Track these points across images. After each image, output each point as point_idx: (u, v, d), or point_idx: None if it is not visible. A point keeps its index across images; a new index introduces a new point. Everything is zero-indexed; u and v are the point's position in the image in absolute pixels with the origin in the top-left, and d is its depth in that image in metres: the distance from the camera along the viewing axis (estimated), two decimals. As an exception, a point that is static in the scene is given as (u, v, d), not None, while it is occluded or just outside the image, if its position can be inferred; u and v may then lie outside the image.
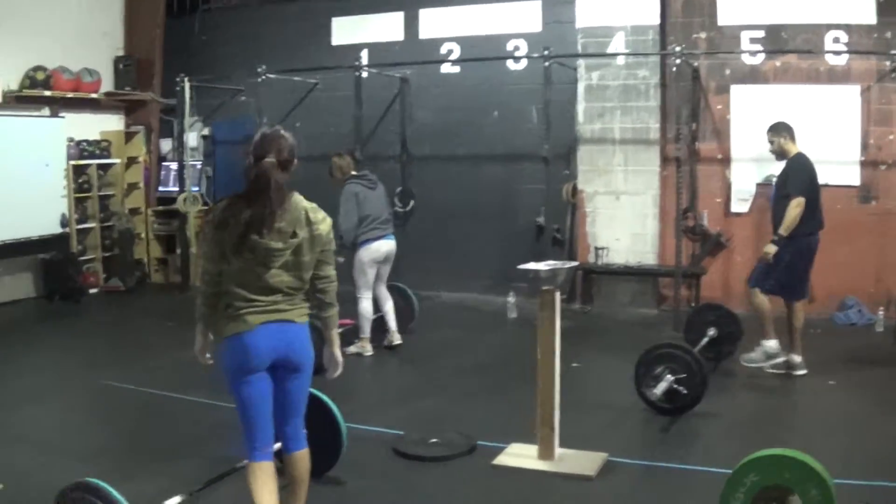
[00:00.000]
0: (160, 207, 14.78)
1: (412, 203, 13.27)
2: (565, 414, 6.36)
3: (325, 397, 5.72)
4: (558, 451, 6.25)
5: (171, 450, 6.66)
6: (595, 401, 7.83)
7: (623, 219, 11.75)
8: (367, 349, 9.59)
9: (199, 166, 14.54)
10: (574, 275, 11.74)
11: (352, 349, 9.49)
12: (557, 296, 6.23)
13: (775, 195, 8.58)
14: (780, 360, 8.52)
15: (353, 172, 9.74)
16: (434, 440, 6.72)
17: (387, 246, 9.63)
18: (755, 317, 8.72)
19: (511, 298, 11.49)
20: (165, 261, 14.76)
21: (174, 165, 14.38)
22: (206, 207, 14.01)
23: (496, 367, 9.19)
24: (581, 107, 11.82)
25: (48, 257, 13.04)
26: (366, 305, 9.56)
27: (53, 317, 12.25)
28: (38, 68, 12.95)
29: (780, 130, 8.40)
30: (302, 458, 4.85)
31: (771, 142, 8.43)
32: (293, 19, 14.09)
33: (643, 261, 11.66)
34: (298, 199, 4.60)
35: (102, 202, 14.19)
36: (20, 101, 12.86)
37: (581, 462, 6.21)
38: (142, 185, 14.83)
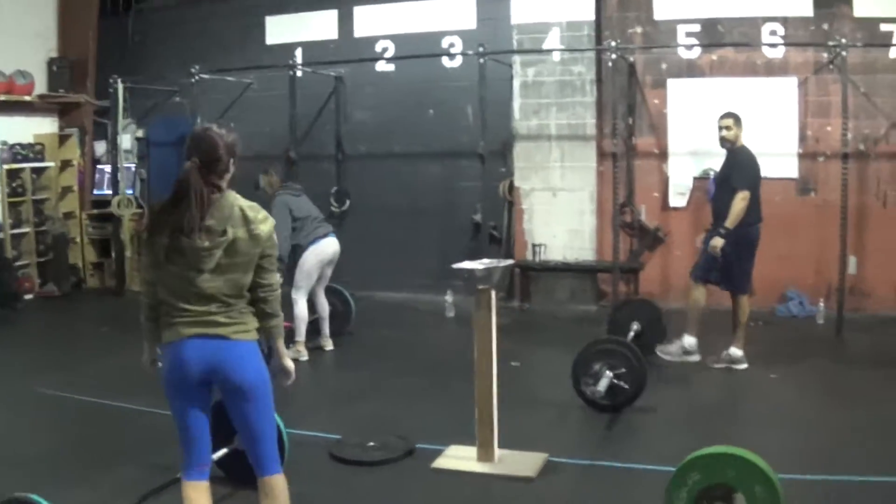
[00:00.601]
0: (95, 211, 14.52)
1: (348, 203, 13.16)
2: (505, 414, 6.28)
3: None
4: (498, 452, 6.16)
5: (109, 458, 6.50)
6: (535, 399, 7.73)
7: (560, 215, 11.67)
8: (303, 353, 9.42)
9: (133, 169, 14.31)
10: (512, 272, 11.69)
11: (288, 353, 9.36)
12: (493, 294, 6.13)
13: (717, 188, 8.52)
14: (695, 358, 8.57)
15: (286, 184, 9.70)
16: (372, 444, 6.59)
17: (333, 246, 9.55)
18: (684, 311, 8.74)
19: (449, 297, 11.40)
20: (101, 265, 14.51)
21: (109, 168, 14.17)
22: (140, 210, 13.81)
23: (434, 368, 9.05)
24: (517, 103, 11.73)
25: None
26: (301, 307, 9.41)
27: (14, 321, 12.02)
28: (-30, 70, 12.73)
29: (739, 119, 8.34)
30: (273, 483, 4.52)
31: (728, 128, 8.29)
32: (227, 18, 13.90)
33: (581, 257, 11.59)
34: (234, 198, 4.34)
35: (37, 206, 13.91)
36: None
37: (521, 463, 6.12)
38: (76, 188, 14.55)
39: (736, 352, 8.44)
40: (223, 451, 5.25)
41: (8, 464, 6.40)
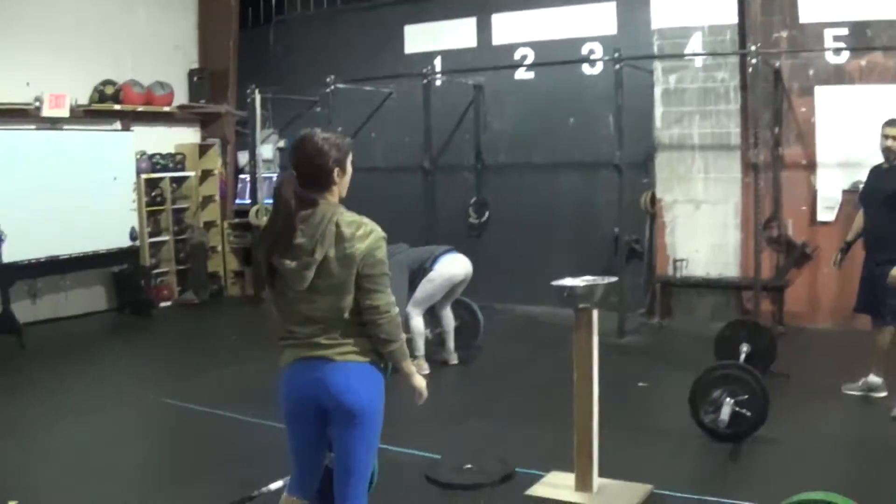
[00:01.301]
0: (236, 220, 14.57)
1: (487, 214, 12.86)
2: (617, 440, 6.03)
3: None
4: (598, 481, 5.75)
5: (205, 469, 6.52)
6: (654, 425, 7.28)
7: (703, 229, 11.08)
8: (424, 367, 9.16)
9: (273, 178, 14.32)
10: (653, 288, 11.22)
11: (409, 367, 9.15)
12: (595, 315, 5.71)
13: (874, 206, 7.66)
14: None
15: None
16: (469, 466, 6.27)
17: (464, 266, 9.29)
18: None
19: (585, 312, 10.94)
20: (242, 273, 14.54)
21: (250, 178, 14.20)
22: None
23: (554, 388, 8.30)
24: (658, 111, 11.20)
25: (119, 270, 13.00)
26: (418, 321, 9.20)
27: (122, 330, 12.22)
28: (107, 82, 12.93)
29: None
30: None
31: (894, 138, 7.45)
32: (366, 28, 13.87)
33: (724, 273, 10.98)
34: (332, 213, 3.95)
35: (177, 215, 14.08)
36: (91, 114, 12.85)
37: (621, 495, 5.70)
38: (217, 197, 14.66)
39: (875, 379, 7.77)
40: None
41: (103, 472, 6.50)
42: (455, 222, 12.88)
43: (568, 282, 5.75)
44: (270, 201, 13.51)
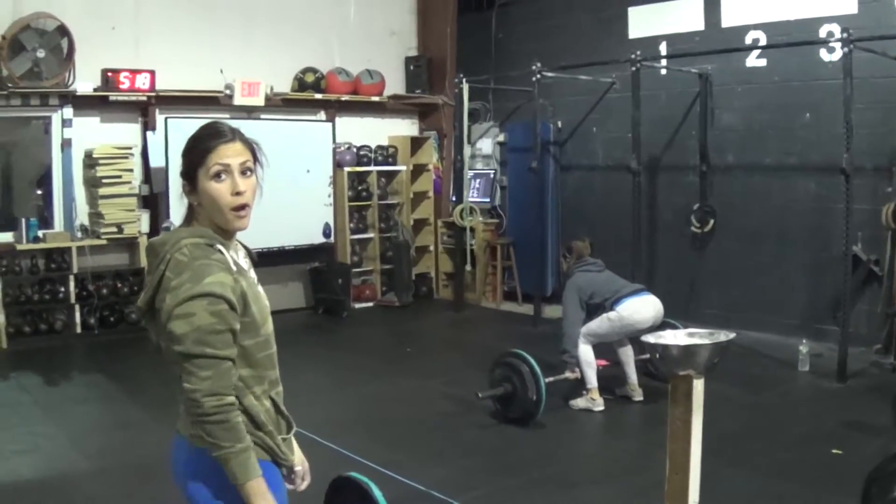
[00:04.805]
0: (451, 219, 13.51)
1: (712, 223, 11.23)
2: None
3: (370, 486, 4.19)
4: None
5: None
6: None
7: (953, 250, 9.06)
8: (598, 403, 7.88)
9: (492, 175, 13.25)
10: (892, 320, 9.33)
11: (579, 403, 7.96)
12: (700, 385, 4.12)
13: None
14: None
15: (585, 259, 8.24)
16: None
17: (653, 309, 7.80)
18: None
19: (804, 347, 9.16)
20: (454, 276, 13.45)
21: (470, 173, 13.15)
22: (495, 221, 12.80)
23: (737, 446, 6.84)
24: (904, 106, 9.24)
25: (314, 267, 12.57)
26: (586, 349, 7.85)
27: (302, 331, 11.53)
28: (307, 70, 12.28)
29: None
30: None
31: None
32: (591, 11, 12.61)
33: (974, 306, 8.93)
34: (175, 242, 2.81)
35: (386, 212, 13.29)
36: (291, 104, 12.41)
37: None
38: (431, 194, 13.73)
39: None
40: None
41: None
42: (675, 231, 11.49)
43: (663, 338, 4.19)
44: (488, 200, 12.66)
